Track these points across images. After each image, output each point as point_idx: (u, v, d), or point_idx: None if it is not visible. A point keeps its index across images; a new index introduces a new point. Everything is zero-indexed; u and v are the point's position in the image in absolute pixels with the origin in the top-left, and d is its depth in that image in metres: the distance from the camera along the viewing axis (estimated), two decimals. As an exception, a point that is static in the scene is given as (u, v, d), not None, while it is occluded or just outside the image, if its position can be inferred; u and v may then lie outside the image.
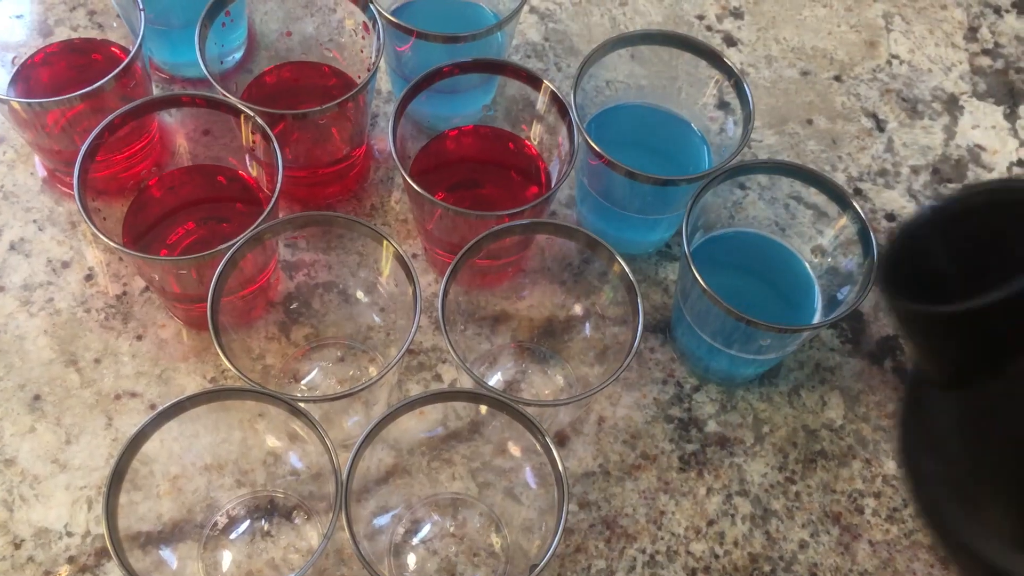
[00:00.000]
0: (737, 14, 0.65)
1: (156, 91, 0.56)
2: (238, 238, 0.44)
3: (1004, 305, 0.23)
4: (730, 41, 0.63)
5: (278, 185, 0.45)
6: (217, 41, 0.51)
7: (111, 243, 0.43)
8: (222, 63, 0.53)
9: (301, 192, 0.55)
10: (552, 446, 0.40)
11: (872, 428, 0.51)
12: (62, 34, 0.56)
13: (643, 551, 0.47)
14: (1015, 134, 0.61)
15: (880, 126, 0.61)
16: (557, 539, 0.38)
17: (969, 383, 0.26)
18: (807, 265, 0.51)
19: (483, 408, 0.45)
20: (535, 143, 0.53)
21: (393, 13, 0.54)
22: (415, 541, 0.46)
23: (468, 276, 0.47)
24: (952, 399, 0.27)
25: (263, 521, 0.46)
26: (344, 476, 0.39)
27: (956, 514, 0.27)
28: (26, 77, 0.54)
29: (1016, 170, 0.60)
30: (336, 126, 0.51)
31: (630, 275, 0.44)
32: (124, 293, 0.52)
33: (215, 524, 0.46)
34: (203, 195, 0.51)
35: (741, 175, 0.49)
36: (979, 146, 0.61)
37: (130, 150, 0.50)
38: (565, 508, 0.39)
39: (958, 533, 0.26)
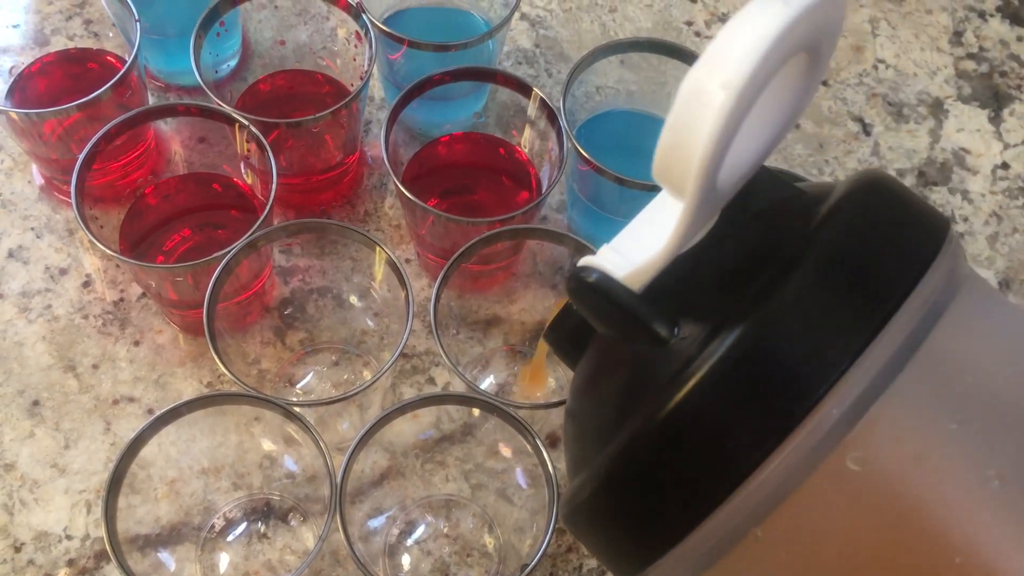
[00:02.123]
0: (725, 20, 0.65)
1: (152, 99, 0.56)
2: (233, 245, 0.44)
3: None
4: (718, 46, 0.64)
5: (272, 192, 0.46)
6: (211, 50, 0.51)
7: (108, 251, 0.44)
8: (216, 72, 0.54)
9: (295, 199, 0.55)
10: (543, 448, 0.41)
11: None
12: (58, 43, 0.57)
13: (634, 550, 0.48)
14: (999, 137, 0.62)
15: (866, 130, 0.62)
16: (548, 539, 0.39)
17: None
18: None
19: (475, 411, 0.45)
20: (526, 149, 0.53)
21: (385, 21, 0.55)
22: (409, 542, 0.47)
23: (460, 280, 0.48)
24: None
25: (260, 523, 0.47)
26: (339, 479, 0.40)
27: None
28: (23, 87, 0.54)
29: (1000, 172, 0.60)
30: (330, 133, 0.52)
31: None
32: (121, 299, 0.52)
33: (212, 526, 0.46)
34: (199, 202, 0.52)
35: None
36: (964, 149, 0.61)
37: (126, 158, 0.50)
38: (556, 508, 0.40)
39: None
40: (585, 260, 0.31)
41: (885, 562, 0.27)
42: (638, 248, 0.30)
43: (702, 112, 0.25)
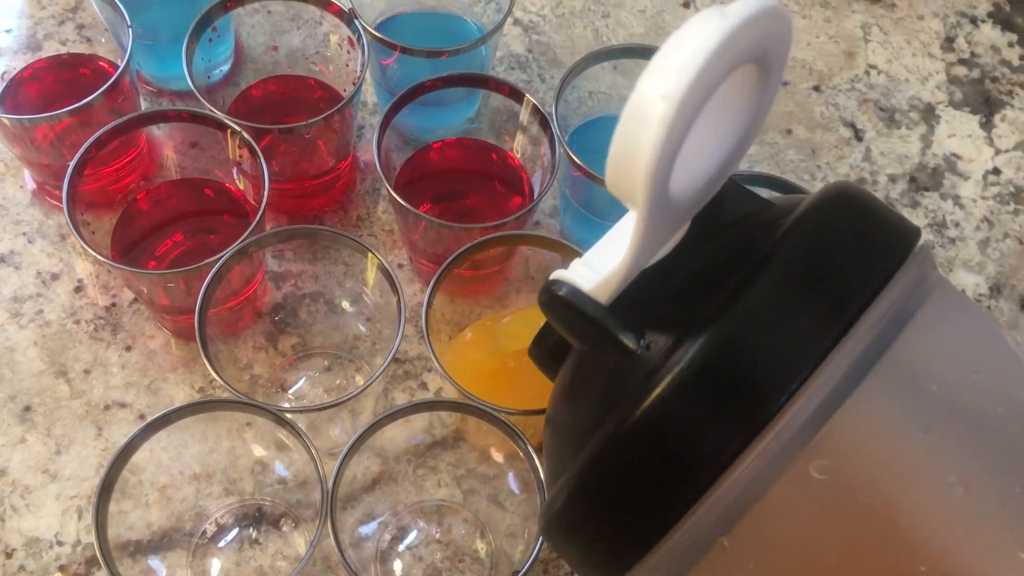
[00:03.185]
0: (718, 25, 0.66)
1: (144, 104, 0.56)
2: (225, 251, 0.44)
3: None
4: (711, 52, 0.64)
5: (264, 198, 0.46)
6: (204, 56, 0.52)
7: (99, 257, 0.44)
8: (209, 77, 0.54)
9: (288, 204, 0.55)
10: (534, 453, 0.41)
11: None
12: (51, 48, 0.57)
13: (626, 556, 0.48)
14: (991, 143, 0.62)
15: (858, 135, 0.62)
16: (540, 544, 0.39)
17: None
18: None
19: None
20: (518, 155, 0.54)
21: (378, 27, 0.55)
22: (401, 548, 0.47)
23: (453, 286, 0.48)
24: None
25: (251, 529, 0.47)
26: (330, 485, 0.40)
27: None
28: (15, 92, 0.54)
29: (992, 178, 0.61)
30: (322, 139, 0.52)
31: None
32: (113, 304, 0.52)
33: (204, 532, 0.46)
34: (191, 208, 0.52)
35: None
36: (955, 155, 0.62)
37: (118, 163, 0.50)
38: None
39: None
40: (557, 274, 0.32)
41: (851, 570, 0.27)
42: (607, 261, 0.30)
43: (645, 122, 0.25)
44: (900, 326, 0.28)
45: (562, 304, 0.31)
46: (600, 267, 0.31)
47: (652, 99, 0.25)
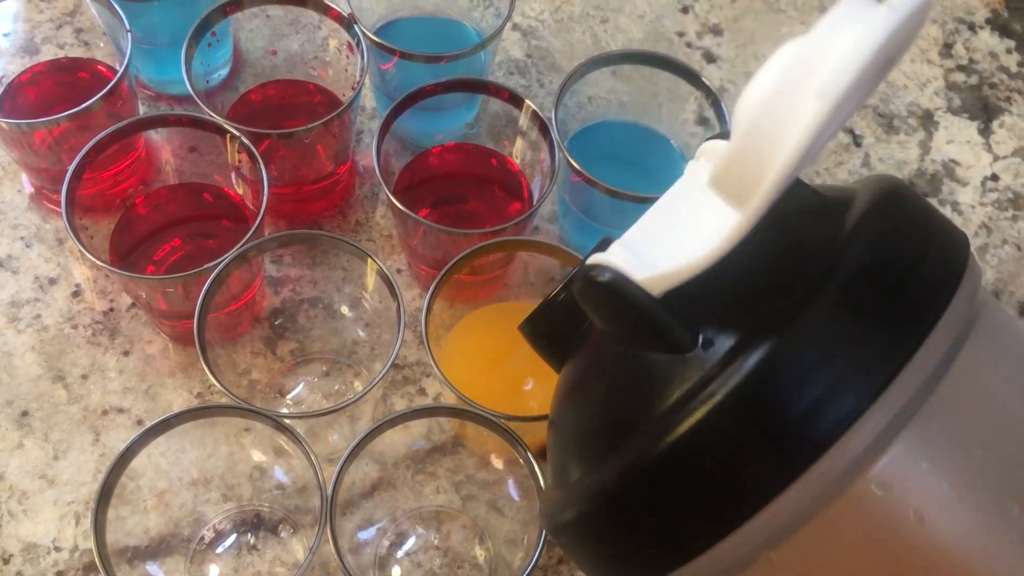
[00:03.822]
0: (716, 31, 0.66)
1: (142, 108, 0.56)
2: (224, 256, 0.44)
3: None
4: (710, 58, 0.64)
5: (263, 203, 0.46)
6: (203, 60, 0.51)
7: (98, 261, 0.43)
8: (208, 81, 0.53)
9: (287, 208, 0.55)
10: (534, 459, 0.41)
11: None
12: (49, 52, 0.57)
13: (625, 562, 0.48)
14: (989, 149, 0.62)
15: (857, 141, 0.62)
16: (539, 551, 0.39)
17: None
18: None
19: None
20: (518, 160, 0.53)
21: (377, 32, 0.55)
22: (400, 554, 0.47)
23: (452, 291, 0.48)
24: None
25: (249, 535, 0.47)
26: (329, 491, 0.40)
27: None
28: (13, 96, 0.54)
29: (990, 184, 0.61)
30: (321, 143, 0.52)
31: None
32: (111, 309, 0.52)
33: (202, 538, 0.46)
34: (189, 212, 0.52)
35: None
36: (954, 161, 0.62)
37: (117, 168, 0.50)
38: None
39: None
40: (596, 258, 0.29)
41: None
42: (659, 250, 0.28)
43: (792, 118, 0.23)
44: (961, 344, 0.27)
45: (606, 291, 0.28)
46: (648, 256, 0.28)
47: (803, 94, 0.23)
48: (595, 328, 0.33)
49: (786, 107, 0.23)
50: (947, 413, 0.26)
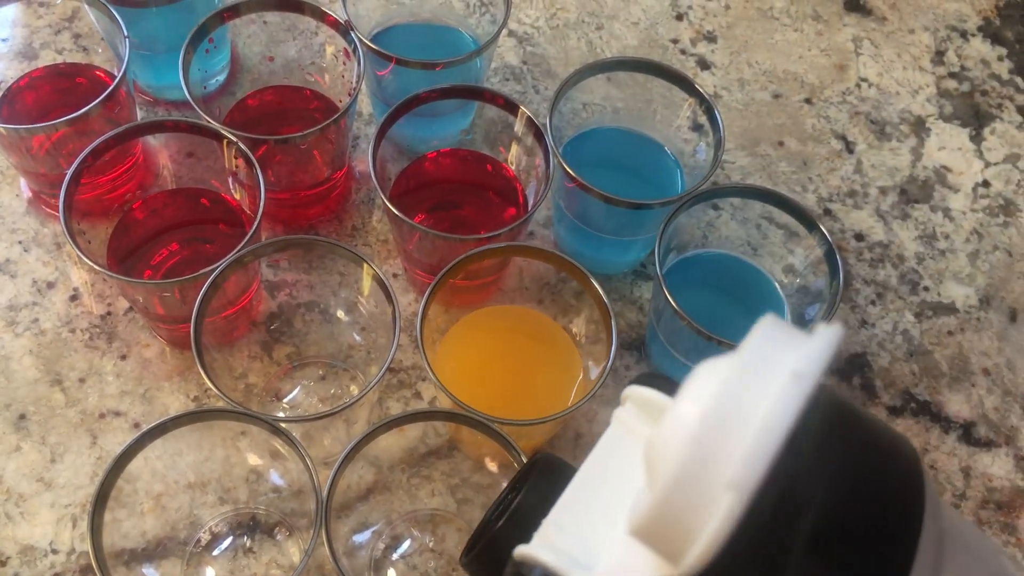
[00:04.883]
0: (711, 38, 0.66)
1: (140, 113, 0.56)
2: (221, 261, 0.44)
3: None
4: (704, 64, 0.65)
5: (260, 208, 0.46)
6: (200, 66, 0.52)
7: (95, 266, 0.44)
8: (205, 87, 0.54)
9: (283, 213, 0.56)
10: (528, 463, 0.41)
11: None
12: (47, 57, 0.57)
13: (618, 565, 0.48)
14: (980, 155, 0.63)
15: (849, 148, 0.62)
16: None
17: None
18: (777, 285, 0.52)
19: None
20: (513, 166, 0.54)
21: (374, 38, 0.55)
22: (395, 557, 0.47)
23: (447, 295, 0.48)
24: None
25: (245, 538, 0.47)
26: (324, 494, 0.40)
27: None
28: (11, 101, 0.55)
29: (981, 190, 0.61)
30: (318, 149, 0.52)
31: (605, 299, 0.45)
32: (108, 313, 0.52)
33: (198, 541, 0.46)
34: (187, 217, 0.52)
35: (711, 199, 0.50)
36: (945, 167, 0.62)
37: (114, 172, 0.51)
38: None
39: None
40: (524, 551, 0.27)
41: None
42: (590, 540, 0.26)
43: (706, 510, 0.21)
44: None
45: None
46: (580, 552, 0.26)
47: (714, 486, 0.21)
48: None
49: (699, 494, 0.21)
50: None
